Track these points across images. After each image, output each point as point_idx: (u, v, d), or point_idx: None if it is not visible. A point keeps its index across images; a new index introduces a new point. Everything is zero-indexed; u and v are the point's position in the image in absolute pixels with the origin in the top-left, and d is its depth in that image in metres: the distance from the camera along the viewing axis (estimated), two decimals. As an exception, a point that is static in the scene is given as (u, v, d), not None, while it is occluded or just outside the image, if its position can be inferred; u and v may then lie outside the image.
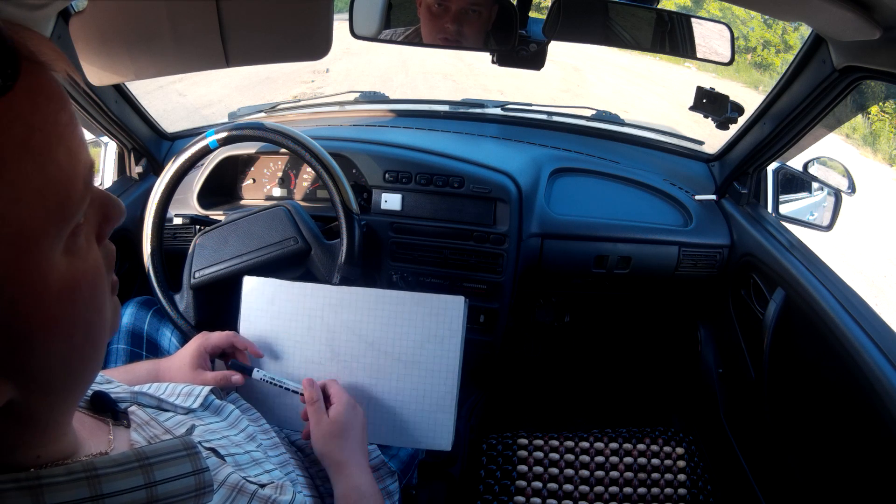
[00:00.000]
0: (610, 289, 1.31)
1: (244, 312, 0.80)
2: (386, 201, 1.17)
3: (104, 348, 0.37)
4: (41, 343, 0.30)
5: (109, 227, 0.35)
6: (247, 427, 0.63)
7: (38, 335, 0.30)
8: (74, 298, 0.32)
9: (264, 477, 0.53)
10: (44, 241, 0.30)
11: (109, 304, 0.36)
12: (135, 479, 0.36)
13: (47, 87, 0.30)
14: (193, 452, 0.40)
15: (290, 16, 0.71)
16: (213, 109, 5.36)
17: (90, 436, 0.42)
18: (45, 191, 0.29)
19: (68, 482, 0.33)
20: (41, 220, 0.29)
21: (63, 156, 0.30)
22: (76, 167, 0.31)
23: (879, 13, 0.65)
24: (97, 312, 0.34)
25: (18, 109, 0.28)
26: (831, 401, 0.93)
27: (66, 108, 0.31)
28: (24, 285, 0.29)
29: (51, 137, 0.30)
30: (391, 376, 0.76)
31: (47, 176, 0.29)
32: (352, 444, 0.68)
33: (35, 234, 0.29)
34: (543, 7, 1.12)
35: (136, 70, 0.73)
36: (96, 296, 0.34)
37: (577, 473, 1.13)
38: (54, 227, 0.30)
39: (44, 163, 0.29)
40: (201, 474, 0.39)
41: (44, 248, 0.30)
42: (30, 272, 0.29)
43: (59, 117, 0.30)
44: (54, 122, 0.30)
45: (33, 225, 0.29)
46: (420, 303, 0.76)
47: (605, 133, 1.45)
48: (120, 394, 0.54)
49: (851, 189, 1.09)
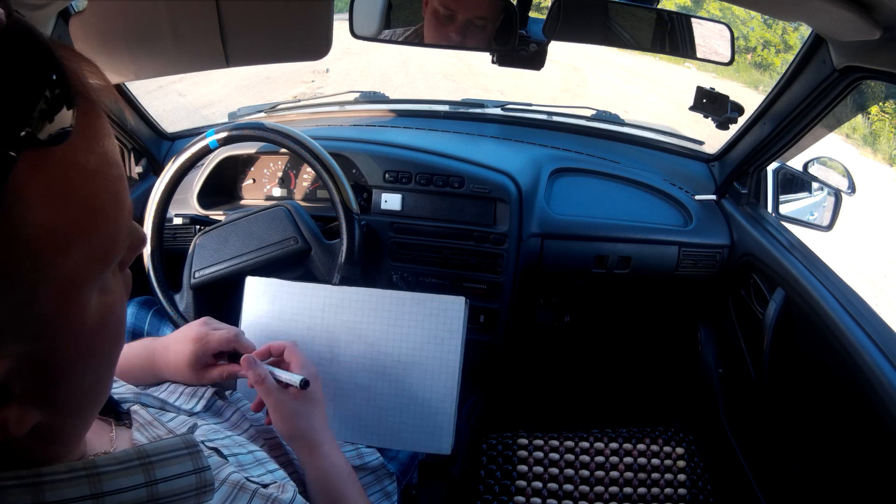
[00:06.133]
0: (610, 289, 1.31)
1: (245, 312, 0.80)
2: (386, 201, 1.17)
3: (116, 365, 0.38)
4: (71, 375, 0.31)
5: (133, 256, 0.35)
6: (249, 428, 0.63)
7: (70, 368, 0.31)
8: (104, 332, 0.32)
9: (267, 477, 0.53)
10: (87, 285, 0.30)
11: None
12: (136, 477, 0.36)
13: (99, 126, 0.29)
14: (195, 451, 0.40)
15: (290, 16, 0.71)
16: (213, 109, 5.36)
17: (93, 436, 0.42)
18: (94, 236, 0.29)
19: (69, 479, 0.33)
20: (88, 264, 0.29)
21: (110, 200, 0.30)
22: (121, 211, 0.31)
23: (879, 13, 0.65)
24: (119, 340, 0.35)
25: (75, 154, 0.27)
26: (831, 401, 0.93)
27: (115, 148, 0.31)
28: (64, 327, 0.29)
29: (101, 182, 0.29)
30: (391, 377, 0.76)
31: (97, 221, 0.29)
32: (320, 420, 0.63)
33: (81, 279, 0.29)
34: (543, 7, 1.12)
35: (136, 70, 0.73)
36: (121, 325, 0.35)
37: (577, 473, 1.13)
38: (98, 272, 0.30)
39: (94, 208, 0.29)
40: (202, 473, 0.39)
41: (85, 291, 0.30)
42: (72, 314, 0.29)
43: (109, 159, 0.30)
44: (105, 164, 0.29)
45: (80, 271, 0.29)
46: (420, 303, 0.76)
47: (604, 133, 1.45)
48: (123, 394, 0.54)
49: (851, 189, 1.09)
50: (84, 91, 0.28)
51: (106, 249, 0.30)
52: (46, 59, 0.25)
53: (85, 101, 0.28)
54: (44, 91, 0.25)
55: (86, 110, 0.28)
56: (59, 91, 0.25)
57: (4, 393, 0.28)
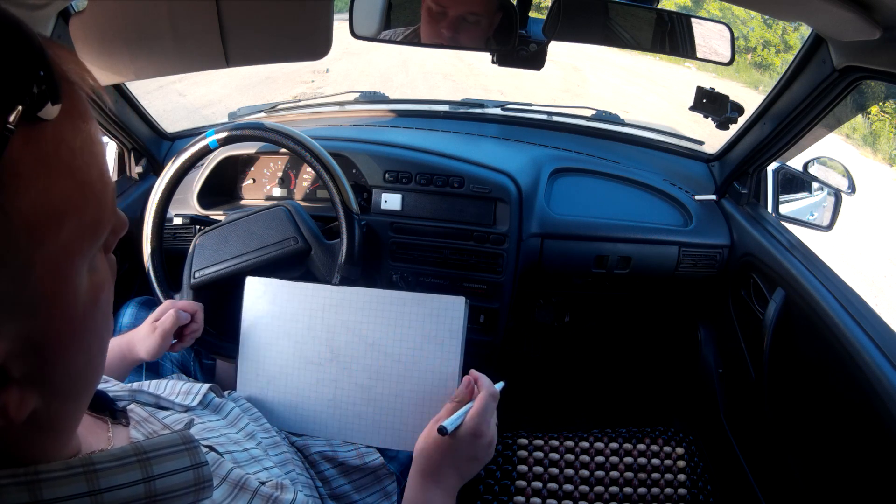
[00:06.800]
0: (610, 289, 1.31)
1: (245, 312, 0.80)
2: (386, 201, 1.17)
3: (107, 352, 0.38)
4: (65, 356, 0.32)
5: (116, 239, 0.36)
6: (247, 425, 0.63)
7: (64, 349, 0.31)
8: (95, 312, 0.33)
9: (263, 474, 0.53)
10: (78, 261, 0.31)
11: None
12: (133, 473, 0.36)
13: (82, 107, 0.30)
14: (192, 447, 0.40)
15: (290, 16, 0.71)
16: (213, 109, 5.36)
17: (89, 434, 0.42)
18: (83, 212, 0.30)
19: (66, 477, 0.33)
20: (79, 239, 0.30)
21: (96, 177, 0.31)
22: (106, 187, 0.32)
23: (879, 13, 0.65)
24: (108, 322, 0.36)
25: (62, 133, 0.29)
26: (831, 401, 0.93)
27: (97, 129, 0.32)
28: (58, 303, 0.30)
29: (87, 158, 0.30)
30: (391, 378, 0.76)
31: (85, 197, 0.30)
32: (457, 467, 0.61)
33: (73, 253, 0.30)
34: (543, 7, 1.12)
35: (136, 70, 0.73)
36: (109, 307, 0.35)
37: (577, 473, 1.13)
38: (88, 246, 0.31)
39: (83, 184, 0.30)
40: (200, 468, 0.39)
41: (77, 267, 0.31)
42: (65, 291, 0.30)
43: (93, 138, 0.31)
44: (90, 142, 0.31)
45: (72, 244, 0.30)
46: (420, 303, 0.76)
47: (604, 133, 1.45)
48: (118, 392, 0.54)
49: (851, 189, 1.09)
50: (65, 74, 0.29)
51: (95, 225, 0.31)
52: (32, 43, 0.27)
53: (66, 84, 0.29)
54: (37, 71, 0.26)
55: (68, 92, 0.29)
56: (44, 73, 0.27)
57: (3, 377, 0.29)
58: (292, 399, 0.74)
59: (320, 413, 0.76)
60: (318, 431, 0.76)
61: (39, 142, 0.27)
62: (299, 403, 0.73)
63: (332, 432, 0.76)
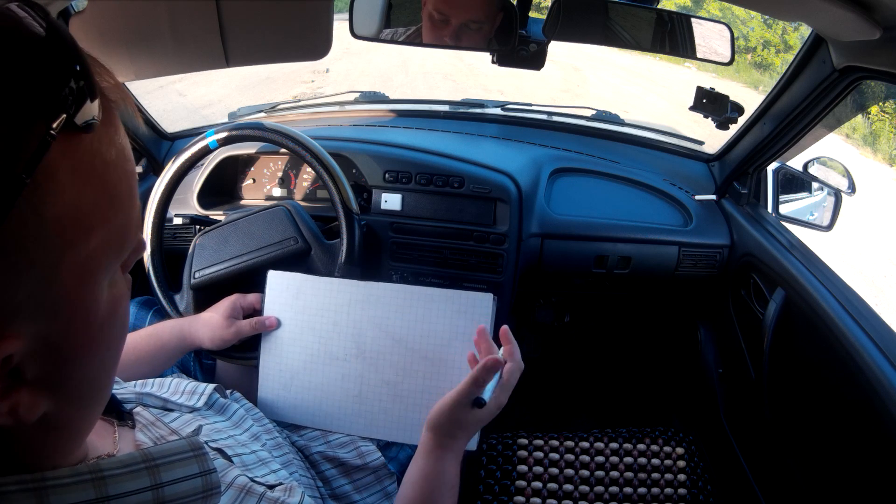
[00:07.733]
0: (610, 289, 1.31)
1: (268, 306, 0.79)
2: (386, 201, 1.17)
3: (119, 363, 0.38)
4: (80, 361, 0.32)
5: (134, 259, 0.37)
6: (251, 427, 0.64)
7: (80, 354, 0.32)
8: (113, 322, 0.34)
9: (271, 477, 0.53)
10: (102, 272, 0.31)
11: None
12: (141, 480, 0.36)
13: (116, 120, 0.31)
14: (200, 453, 0.39)
15: (290, 16, 0.71)
16: (213, 109, 5.35)
17: (96, 437, 0.42)
18: (111, 224, 0.31)
19: (74, 483, 0.33)
20: (105, 250, 0.31)
21: (126, 192, 0.32)
22: (134, 205, 0.33)
23: (879, 13, 0.65)
24: (123, 335, 0.37)
25: (99, 144, 0.29)
26: (831, 401, 0.93)
27: (129, 144, 0.33)
28: (79, 311, 0.31)
29: (120, 174, 0.31)
30: (418, 374, 0.75)
31: (115, 210, 0.31)
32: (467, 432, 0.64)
33: (98, 262, 0.31)
34: (543, 7, 1.12)
35: (136, 70, 0.73)
36: (125, 321, 0.36)
37: (577, 473, 1.13)
38: (113, 259, 0.32)
39: (113, 198, 0.31)
40: (208, 475, 0.39)
41: (100, 278, 0.31)
42: (86, 299, 0.31)
43: (126, 154, 0.32)
44: (123, 158, 0.31)
45: (98, 254, 0.30)
46: (448, 299, 0.75)
47: (604, 133, 1.45)
48: (125, 394, 0.54)
49: (851, 189, 1.09)
50: (103, 91, 0.30)
51: (120, 239, 0.32)
52: (80, 55, 0.28)
53: (103, 97, 0.30)
54: (79, 81, 0.27)
55: (105, 105, 0.30)
56: (84, 83, 0.28)
57: (17, 377, 0.29)
58: (316, 394, 0.73)
59: (346, 409, 0.76)
60: (344, 427, 0.76)
61: (77, 151, 0.28)
62: (324, 399, 0.73)
63: (358, 428, 0.76)
